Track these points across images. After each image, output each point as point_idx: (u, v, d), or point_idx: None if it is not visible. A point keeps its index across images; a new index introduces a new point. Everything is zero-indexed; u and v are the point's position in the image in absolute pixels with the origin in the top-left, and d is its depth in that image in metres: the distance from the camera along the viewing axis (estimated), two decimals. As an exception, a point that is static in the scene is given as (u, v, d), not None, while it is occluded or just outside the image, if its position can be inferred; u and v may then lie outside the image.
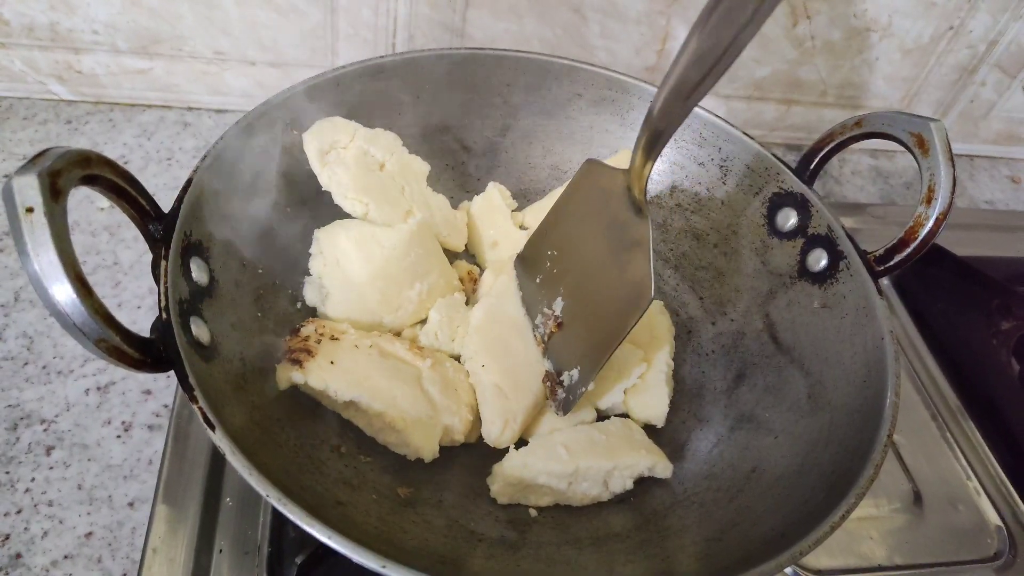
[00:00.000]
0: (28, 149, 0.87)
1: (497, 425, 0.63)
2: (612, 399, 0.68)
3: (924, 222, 0.62)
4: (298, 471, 0.54)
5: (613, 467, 0.61)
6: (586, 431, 0.64)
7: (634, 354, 0.68)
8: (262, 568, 0.58)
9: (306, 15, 0.90)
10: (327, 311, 0.66)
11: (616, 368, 0.67)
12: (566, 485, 0.61)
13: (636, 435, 0.65)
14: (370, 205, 0.69)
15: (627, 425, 0.66)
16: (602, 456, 0.61)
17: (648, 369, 0.68)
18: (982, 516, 0.74)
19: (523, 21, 0.95)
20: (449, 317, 0.68)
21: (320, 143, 0.68)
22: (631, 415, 0.68)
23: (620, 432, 0.64)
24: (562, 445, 0.61)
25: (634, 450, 0.62)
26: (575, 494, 0.62)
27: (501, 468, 0.61)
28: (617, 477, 0.62)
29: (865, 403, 0.58)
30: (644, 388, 0.68)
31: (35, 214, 0.40)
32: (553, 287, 0.67)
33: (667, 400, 0.68)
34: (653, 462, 0.63)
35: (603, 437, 0.63)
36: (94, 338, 0.42)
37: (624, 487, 0.62)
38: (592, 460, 0.60)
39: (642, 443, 0.64)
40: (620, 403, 0.68)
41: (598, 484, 0.62)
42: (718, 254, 0.76)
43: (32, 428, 0.66)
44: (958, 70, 1.10)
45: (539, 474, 0.59)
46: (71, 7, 0.85)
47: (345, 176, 0.68)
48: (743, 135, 0.74)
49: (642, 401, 0.68)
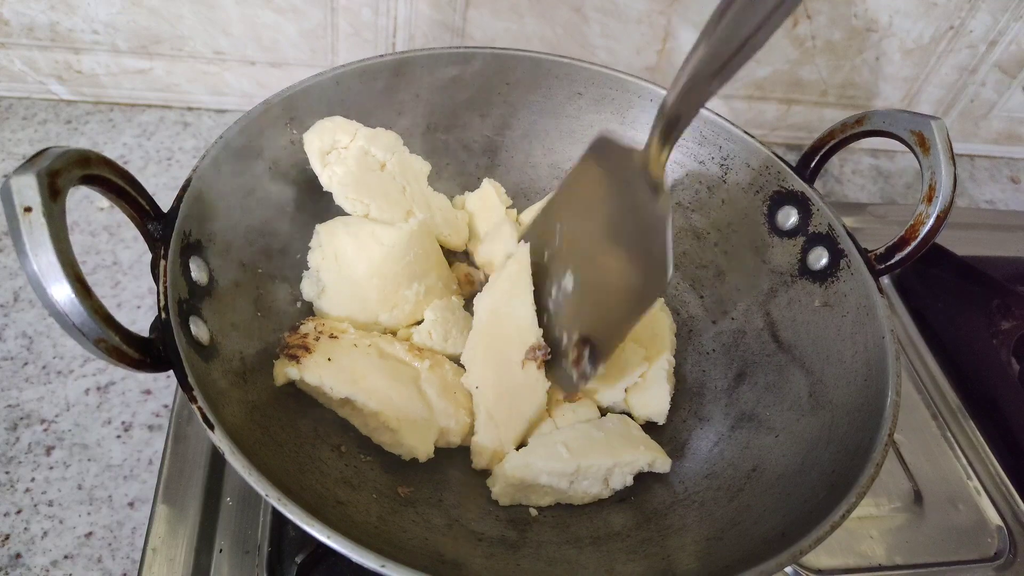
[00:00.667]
0: (28, 149, 0.87)
1: (484, 457, 0.63)
2: (613, 396, 0.68)
3: (925, 220, 0.62)
4: (298, 471, 0.54)
5: (614, 464, 0.61)
6: (585, 429, 0.64)
7: (635, 352, 0.68)
8: (262, 568, 0.58)
9: (306, 15, 0.90)
10: (322, 305, 0.66)
11: (618, 366, 0.67)
12: (567, 484, 0.61)
13: (634, 431, 0.65)
14: (371, 205, 0.69)
15: (624, 422, 0.66)
16: (602, 453, 0.61)
17: (649, 367, 0.68)
18: (982, 515, 0.74)
19: (523, 20, 0.95)
20: (444, 318, 0.68)
21: (321, 143, 0.68)
22: (632, 413, 0.68)
23: (618, 429, 0.64)
24: (562, 444, 0.61)
25: (633, 446, 0.62)
26: (576, 493, 0.61)
27: (502, 469, 0.61)
28: (617, 474, 0.62)
29: (866, 402, 0.58)
30: (645, 386, 0.68)
31: (33, 214, 0.40)
32: (563, 262, 0.65)
33: (668, 397, 0.68)
34: (652, 458, 0.63)
35: (601, 435, 0.63)
36: (93, 338, 0.42)
37: (624, 483, 0.62)
38: (593, 458, 0.60)
39: (640, 439, 0.64)
40: (621, 400, 0.68)
41: (599, 482, 0.62)
42: (718, 252, 0.76)
43: (32, 428, 0.66)
44: (958, 70, 1.10)
45: (540, 474, 0.59)
46: (71, 7, 0.85)
47: (346, 176, 0.68)
48: (744, 133, 0.74)
49: (643, 399, 0.68)
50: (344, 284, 0.66)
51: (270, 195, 0.67)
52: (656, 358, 0.69)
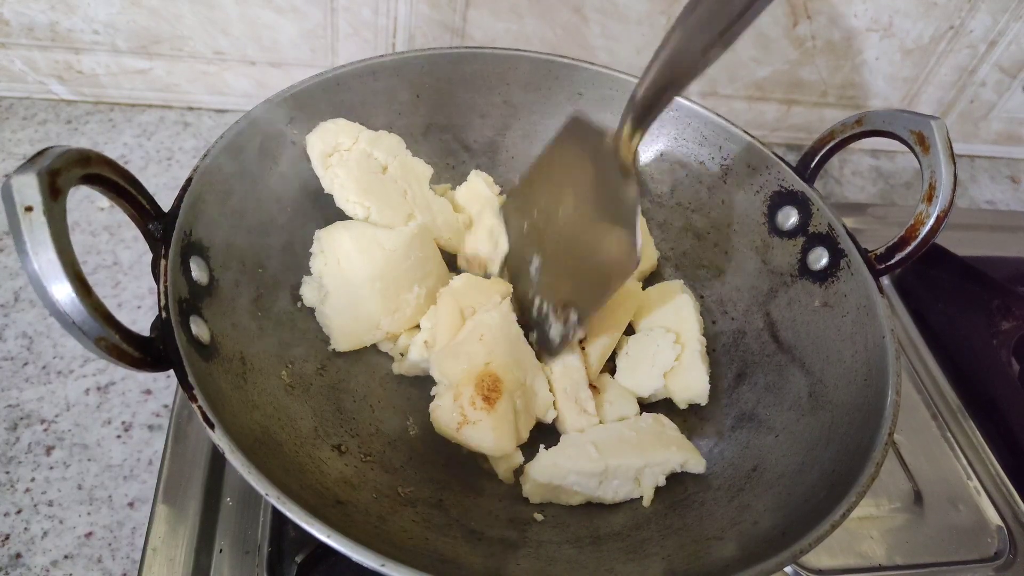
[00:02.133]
0: (28, 149, 0.87)
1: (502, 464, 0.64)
2: (653, 385, 0.67)
3: (925, 220, 0.62)
4: (298, 471, 0.53)
5: (644, 464, 0.60)
6: (617, 429, 0.63)
7: (665, 337, 0.68)
8: (262, 568, 0.58)
9: (306, 15, 0.90)
10: (325, 311, 0.66)
11: (649, 354, 0.67)
12: (596, 484, 0.60)
13: (668, 431, 0.64)
14: (372, 208, 0.69)
15: (659, 421, 0.65)
16: (632, 454, 0.60)
17: (683, 350, 0.68)
18: (982, 516, 0.74)
19: (523, 21, 0.95)
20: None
21: (323, 145, 0.68)
22: (674, 399, 0.68)
23: (651, 429, 0.64)
24: (592, 444, 0.60)
25: (665, 447, 0.62)
26: (606, 492, 0.61)
27: (531, 469, 0.61)
28: (648, 474, 0.61)
29: (866, 402, 0.58)
30: (682, 369, 0.68)
31: (34, 213, 0.40)
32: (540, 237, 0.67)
33: (706, 377, 0.67)
34: (685, 458, 0.62)
35: (633, 434, 0.62)
36: (94, 337, 0.42)
37: (657, 483, 0.62)
38: (622, 458, 0.60)
39: (674, 439, 0.64)
40: (662, 388, 0.67)
41: (629, 481, 0.61)
42: (719, 253, 0.76)
43: (32, 428, 0.66)
44: (958, 70, 1.10)
45: (568, 473, 0.59)
46: (71, 7, 0.85)
47: (347, 179, 0.68)
48: (744, 134, 0.74)
49: (683, 382, 0.67)
50: (347, 289, 0.66)
51: (271, 195, 0.67)
52: (688, 340, 0.69)
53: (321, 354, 0.66)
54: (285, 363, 0.62)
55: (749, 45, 1.01)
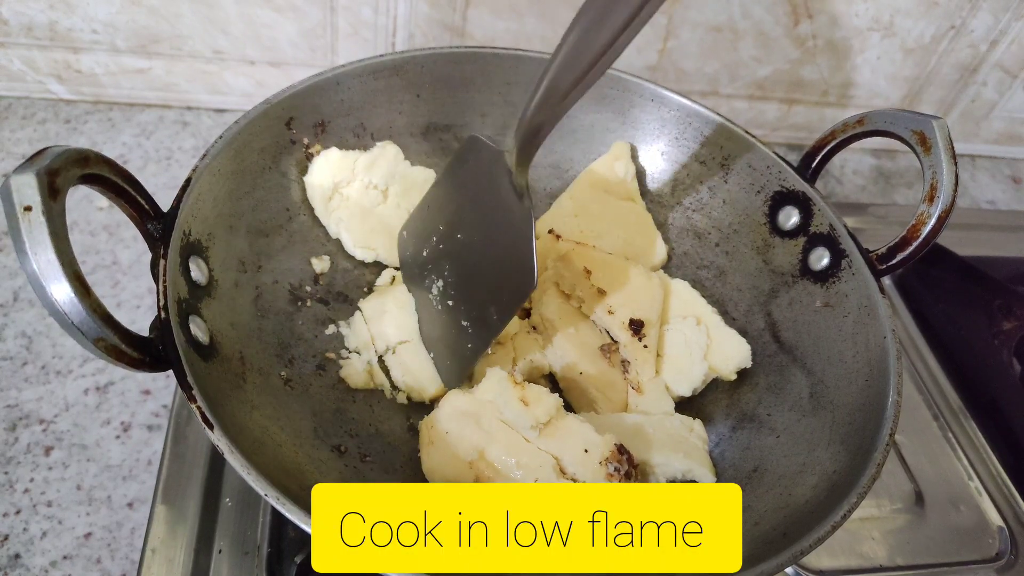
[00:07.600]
0: (27, 148, 0.87)
1: None
2: (700, 371, 0.67)
3: (926, 220, 0.62)
4: (298, 471, 0.53)
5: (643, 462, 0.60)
6: (639, 423, 0.63)
7: (687, 323, 0.69)
8: (262, 568, 0.58)
9: (306, 14, 0.90)
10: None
11: (682, 344, 0.68)
12: None
13: (691, 438, 0.63)
14: (378, 249, 0.71)
15: (686, 426, 0.65)
16: (638, 450, 0.60)
17: (709, 330, 0.69)
18: (984, 516, 0.74)
19: (523, 20, 0.95)
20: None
21: (323, 188, 0.68)
22: (721, 376, 0.68)
23: (674, 431, 0.63)
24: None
25: (673, 451, 0.61)
26: None
27: None
28: (651, 475, 0.61)
29: (867, 402, 0.58)
30: (715, 345, 0.68)
31: (33, 213, 0.40)
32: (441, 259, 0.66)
33: (741, 339, 0.68)
34: (688, 467, 0.61)
35: (651, 431, 0.62)
36: (92, 337, 0.42)
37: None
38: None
39: (690, 448, 0.62)
40: (707, 370, 0.67)
41: None
42: (719, 253, 0.76)
43: (31, 428, 0.66)
44: (959, 69, 1.10)
45: None
46: (70, 6, 0.85)
47: (351, 221, 0.70)
48: (745, 133, 0.73)
49: (722, 355, 0.68)
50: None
51: (270, 194, 0.67)
52: (705, 317, 0.70)
53: (321, 354, 0.66)
54: (284, 363, 0.62)
55: (750, 44, 1.00)
